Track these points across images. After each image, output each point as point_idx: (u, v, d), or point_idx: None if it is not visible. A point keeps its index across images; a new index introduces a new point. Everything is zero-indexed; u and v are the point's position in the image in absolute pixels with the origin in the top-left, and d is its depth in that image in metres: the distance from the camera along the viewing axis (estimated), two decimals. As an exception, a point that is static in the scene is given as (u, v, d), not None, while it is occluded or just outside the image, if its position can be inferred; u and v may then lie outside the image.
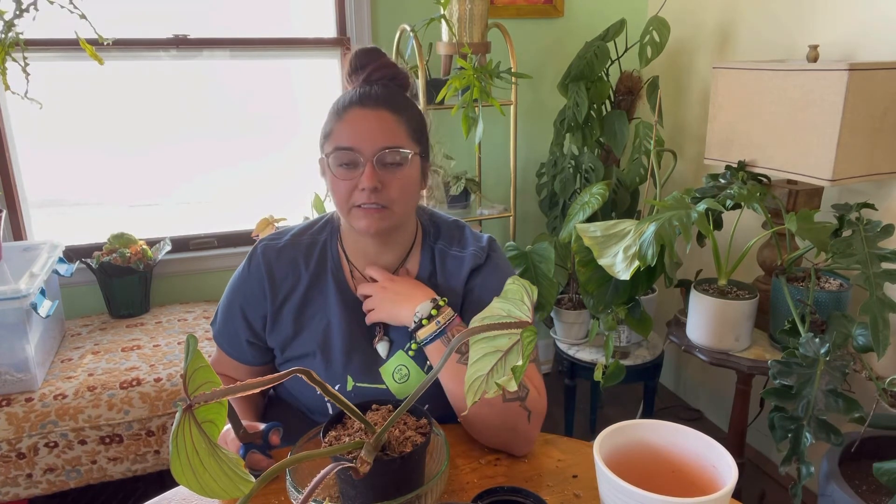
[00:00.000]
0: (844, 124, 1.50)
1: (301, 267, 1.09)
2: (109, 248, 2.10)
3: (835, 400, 1.26)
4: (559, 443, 1.03)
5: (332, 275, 1.10)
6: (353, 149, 0.99)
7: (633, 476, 0.70)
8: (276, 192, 2.41)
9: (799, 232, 1.48)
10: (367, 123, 0.99)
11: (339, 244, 1.12)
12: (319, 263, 1.10)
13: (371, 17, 2.28)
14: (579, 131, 2.27)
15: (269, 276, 1.08)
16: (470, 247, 1.12)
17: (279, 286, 1.08)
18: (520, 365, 0.65)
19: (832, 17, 1.83)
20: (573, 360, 2.15)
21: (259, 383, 0.61)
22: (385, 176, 1.00)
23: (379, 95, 1.02)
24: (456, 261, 1.11)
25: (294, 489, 0.77)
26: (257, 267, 1.09)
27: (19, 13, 1.25)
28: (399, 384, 1.06)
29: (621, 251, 1.43)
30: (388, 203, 1.00)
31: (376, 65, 1.05)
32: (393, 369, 1.07)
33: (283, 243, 1.11)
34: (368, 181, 0.98)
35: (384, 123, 1.00)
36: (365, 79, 1.05)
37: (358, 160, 0.99)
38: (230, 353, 1.14)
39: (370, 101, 1.01)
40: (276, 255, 1.09)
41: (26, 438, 1.63)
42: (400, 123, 1.01)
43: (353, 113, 1.00)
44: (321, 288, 1.09)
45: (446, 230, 1.15)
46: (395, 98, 1.03)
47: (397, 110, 1.02)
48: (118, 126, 2.20)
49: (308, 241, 1.12)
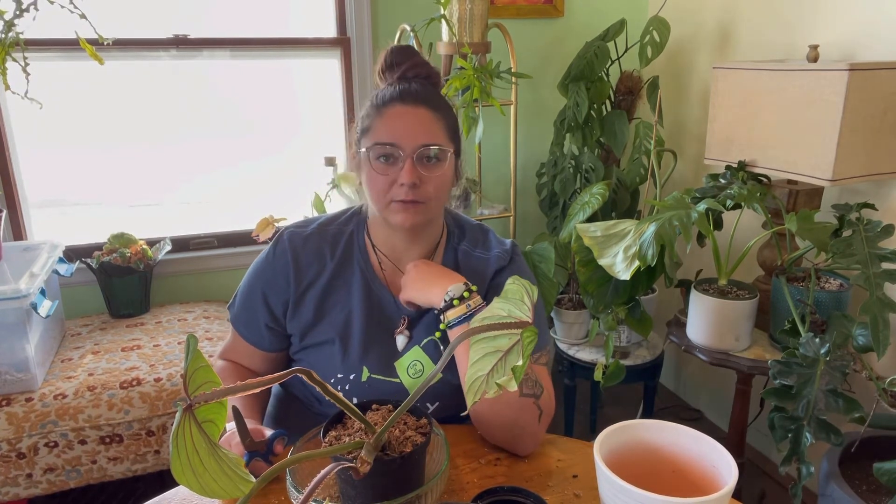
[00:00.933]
0: (844, 124, 1.50)
1: (327, 255, 1.11)
2: (109, 247, 2.10)
3: (835, 400, 1.26)
4: (559, 443, 1.03)
5: (359, 265, 1.11)
6: (393, 144, 1.01)
7: (633, 476, 0.70)
8: (276, 192, 2.41)
9: (799, 232, 1.48)
10: (408, 120, 1.01)
11: (366, 235, 1.14)
12: (345, 253, 1.12)
13: (371, 17, 2.28)
14: (579, 131, 2.27)
15: (294, 262, 1.09)
16: (494, 249, 1.14)
17: (304, 273, 1.09)
18: (520, 365, 0.65)
19: (832, 17, 1.83)
20: (573, 360, 2.15)
21: (259, 383, 0.61)
22: (423, 172, 1.02)
23: (419, 93, 1.04)
24: (480, 262, 1.14)
25: (294, 489, 0.77)
26: (283, 253, 1.10)
27: (19, 13, 1.25)
28: (413, 378, 1.07)
29: (621, 251, 1.43)
30: (424, 199, 1.03)
31: (411, 63, 1.07)
32: (408, 364, 1.08)
33: (309, 231, 1.12)
34: (408, 177, 1.00)
35: (424, 121, 1.02)
36: (400, 76, 1.07)
37: (398, 156, 1.01)
38: (247, 337, 1.14)
39: (411, 99, 1.03)
40: (302, 242, 1.11)
41: (26, 438, 1.63)
42: (438, 121, 1.04)
43: (394, 109, 1.02)
44: (346, 277, 1.11)
45: (470, 232, 1.18)
46: (434, 97, 1.06)
47: (436, 109, 1.04)
48: (118, 126, 2.20)
49: (335, 230, 1.14)
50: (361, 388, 1.06)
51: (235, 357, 1.17)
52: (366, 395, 1.05)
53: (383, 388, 1.06)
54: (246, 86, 2.31)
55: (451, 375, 1.07)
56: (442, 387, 1.07)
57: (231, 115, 2.32)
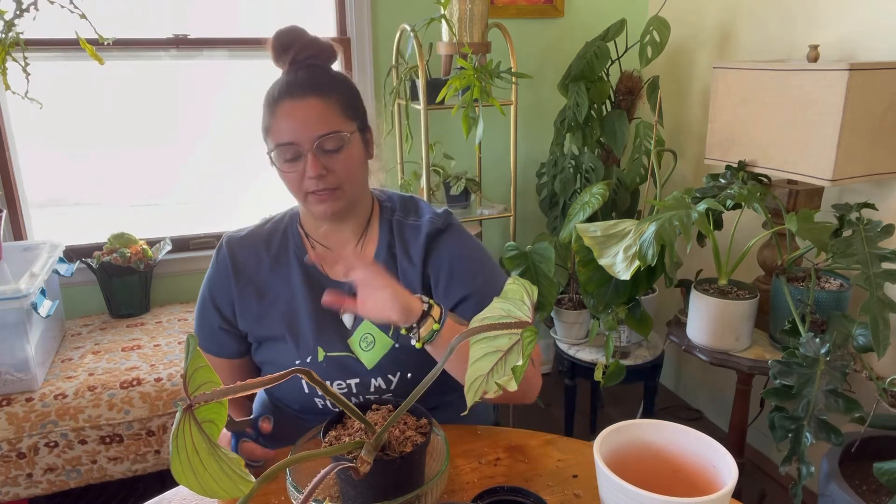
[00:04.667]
0: (844, 124, 1.50)
1: (262, 251, 1.14)
2: (110, 247, 2.10)
3: (835, 400, 1.26)
4: (559, 443, 1.03)
5: (295, 255, 1.14)
6: (291, 143, 1.02)
7: (633, 476, 0.70)
8: (276, 192, 2.40)
9: (799, 232, 1.48)
10: (299, 115, 1.01)
11: (298, 226, 1.16)
12: (280, 246, 1.15)
13: (371, 17, 2.28)
14: (579, 131, 2.27)
15: (232, 262, 1.13)
16: (426, 215, 1.15)
17: (241, 271, 1.13)
18: (520, 365, 0.65)
19: (832, 17, 1.83)
20: (573, 360, 2.15)
21: (259, 383, 0.61)
22: (328, 161, 1.03)
23: (304, 82, 1.03)
24: (413, 230, 1.14)
25: (294, 489, 0.77)
26: (223, 257, 1.14)
27: (19, 13, 1.25)
28: (366, 352, 1.08)
29: (621, 251, 1.43)
30: (337, 185, 1.04)
31: (300, 45, 1.06)
32: (359, 338, 1.09)
33: (245, 233, 1.17)
34: (313, 170, 1.01)
35: (315, 111, 1.01)
36: (291, 61, 1.06)
37: (299, 152, 1.02)
38: (207, 349, 1.16)
39: (298, 90, 1.02)
40: (238, 243, 1.15)
41: (26, 438, 1.63)
42: (330, 106, 1.02)
43: (284, 106, 1.02)
44: (283, 269, 1.13)
45: (401, 203, 1.19)
46: (321, 80, 1.04)
47: (325, 93, 1.03)
48: (118, 126, 2.20)
49: (270, 228, 1.18)
50: (320, 369, 1.08)
51: None
52: (325, 375, 1.08)
53: (341, 364, 1.08)
54: (246, 86, 2.31)
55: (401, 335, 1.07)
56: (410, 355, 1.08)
57: (231, 114, 2.32)
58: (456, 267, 1.11)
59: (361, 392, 1.09)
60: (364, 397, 1.09)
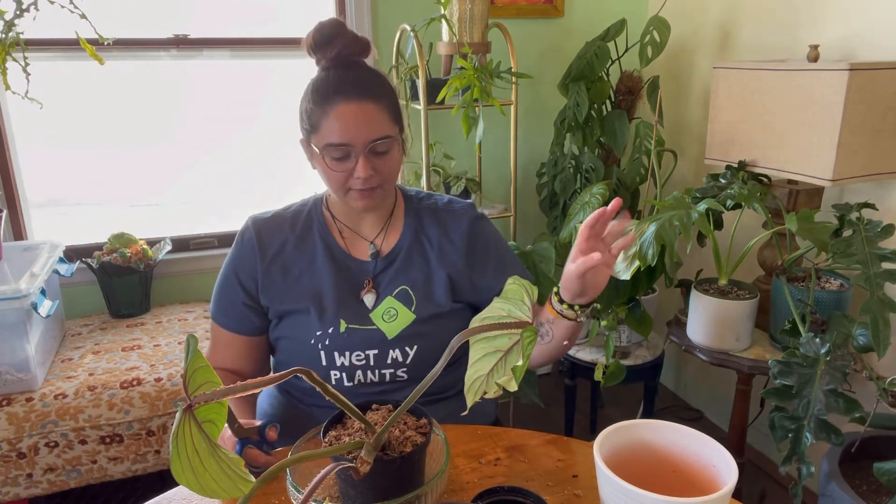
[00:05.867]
0: (845, 124, 1.50)
1: (287, 230, 1.18)
2: (110, 247, 2.10)
3: (835, 400, 1.26)
4: (559, 443, 1.03)
5: (319, 235, 1.18)
6: (345, 145, 1.04)
7: (633, 476, 0.70)
8: (276, 192, 2.40)
9: (799, 232, 1.48)
10: (356, 118, 1.04)
11: (324, 207, 1.20)
12: (305, 226, 1.19)
13: (371, 16, 2.28)
14: (579, 131, 2.27)
15: (258, 240, 1.17)
16: (457, 204, 1.23)
17: (267, 248, 1.17)
18: (520, 365, 0.65)
19: (832, 17, 1.83)
20: (573, 360, 2.15)
21: (259, 383, 0.61)
22: (376, 162, 1.07)
23: (358, 83, 1.05)
24: (452, 214, 1.21)
25: (294, 489, 0.77)
26: (249, 236, 1.18)
27: (19, 13, 1.25)
28: (388, 323, 1.13)
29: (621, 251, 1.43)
30: (380, 184, 1.09)
31: (344, 41, 1.07)
32: (383, 311, 1.14)
33: (270, 215, 1.21)
34: (364, 171, 1.05)
35: (370, 115, 1.05)
36: (335, 57, 1.07)
37: (350, 153, 1.05)
38: (227, 326, 1.18)
39: (353, 93, 1.04)
40: (264, 223, 1.19)
41: (26, 438, 1.63)
42: (382, 111, 1.06)
43: (340, 108, 1.04)
44: (308, 246, 1.17)
45: (424, 194, 1.26)
46: (373, 83, 1.07)
47: (378, 97, 1.06)
48: (118, 126, 2.20)
49: (295, 209, 1.22)
50: (341, 339, 1.11)
51: (218, 359, 1.20)
52: (346, 345, 1.11)
53: (362, 336, 1.12)
54: (246, 86, 2.31)
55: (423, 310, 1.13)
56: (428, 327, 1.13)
57: (231, 114, 2.32)
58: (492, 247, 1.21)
59: (378, 364, 1.12)
60: (380, 372, 1.13)
